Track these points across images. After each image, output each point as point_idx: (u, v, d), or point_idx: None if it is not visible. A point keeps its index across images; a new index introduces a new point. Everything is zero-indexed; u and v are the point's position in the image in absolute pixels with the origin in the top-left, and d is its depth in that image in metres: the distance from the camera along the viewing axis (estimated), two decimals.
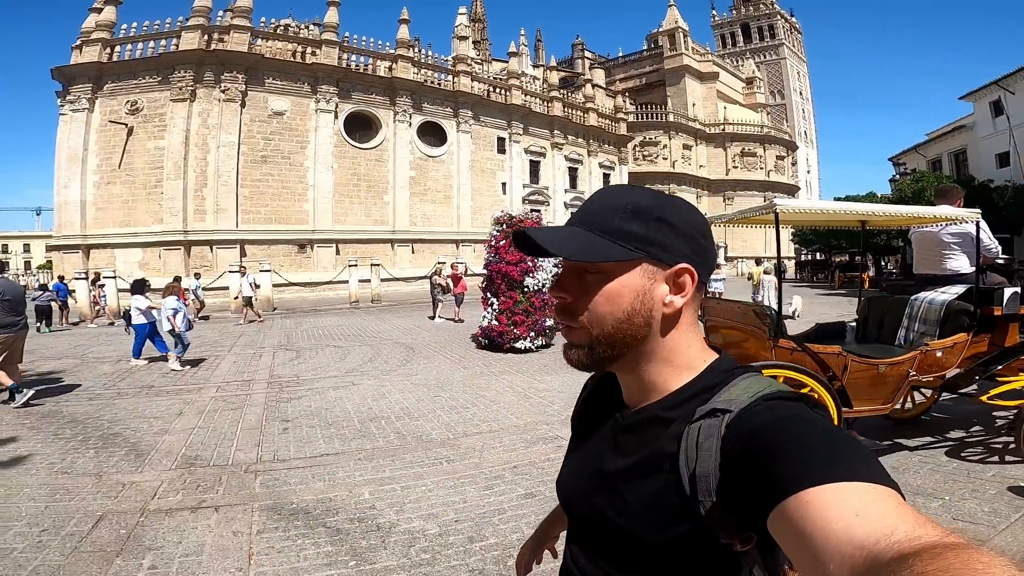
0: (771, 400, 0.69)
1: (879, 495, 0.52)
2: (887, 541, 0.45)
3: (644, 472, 0.75)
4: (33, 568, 2.91)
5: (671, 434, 0.74)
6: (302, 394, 7.31)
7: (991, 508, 3.59)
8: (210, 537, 3.32)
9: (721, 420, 0.70)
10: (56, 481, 4.28)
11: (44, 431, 5.72)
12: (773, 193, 48.54)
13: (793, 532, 0.53)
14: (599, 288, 0.75)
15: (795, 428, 0.63)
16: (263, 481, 4.28)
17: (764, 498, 0.58)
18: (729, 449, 0.67)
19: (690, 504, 0.69)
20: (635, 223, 0.75)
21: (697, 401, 0.74)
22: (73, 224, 23.70)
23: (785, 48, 77.11)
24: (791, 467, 0.57)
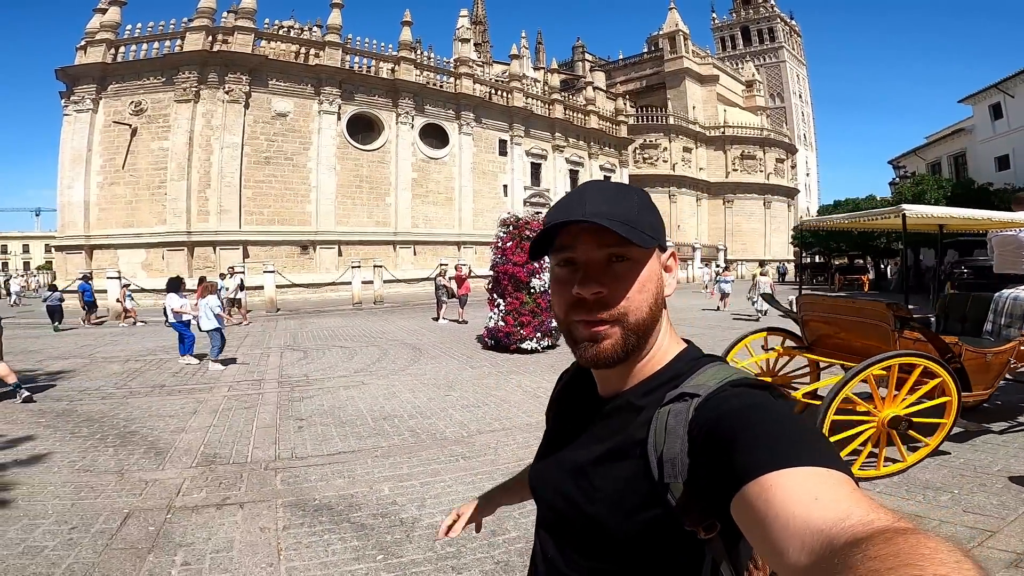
0: (738, 386, 0.71)
1: (835, 480, 0.54)
2: (842, 525, 0.47)
3: (615, 458, 0.77)
4: (67, 566, 2.96)
5: (641, 420, 0.76)
6: (313, 393, 7.38)
7: (999, 501, 3.69)
8: (238, 533, 3.39)
9: (689, 404, 0.72)
10: (79, 479, 4.35)
11: (61, 429, 5.78)
12: (772, 196, 48.72)
13: (755, 516, 0.55)
14: (633, 274, 0.76)
15: (759, 415, 0.65)
16: (284, 478, 4.35)
17: (727, 482, 0.59)
18: (696, 433, 0.68)
19: (658, 488, 0.70)
20: (646, 213, 0.79)
21: (667, 387, 0.76)
22: (76, 224, 23.73)
23: (785, 51, 77.33)
24: (753, 452, 0.59)
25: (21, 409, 6.67)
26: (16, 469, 4.56)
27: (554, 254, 0.80)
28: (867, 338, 4.84)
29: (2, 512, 3.67)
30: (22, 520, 3.53)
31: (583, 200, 0.77)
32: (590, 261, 0.77)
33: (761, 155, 48.46)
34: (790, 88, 77.50)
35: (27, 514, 3.64)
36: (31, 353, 11.45)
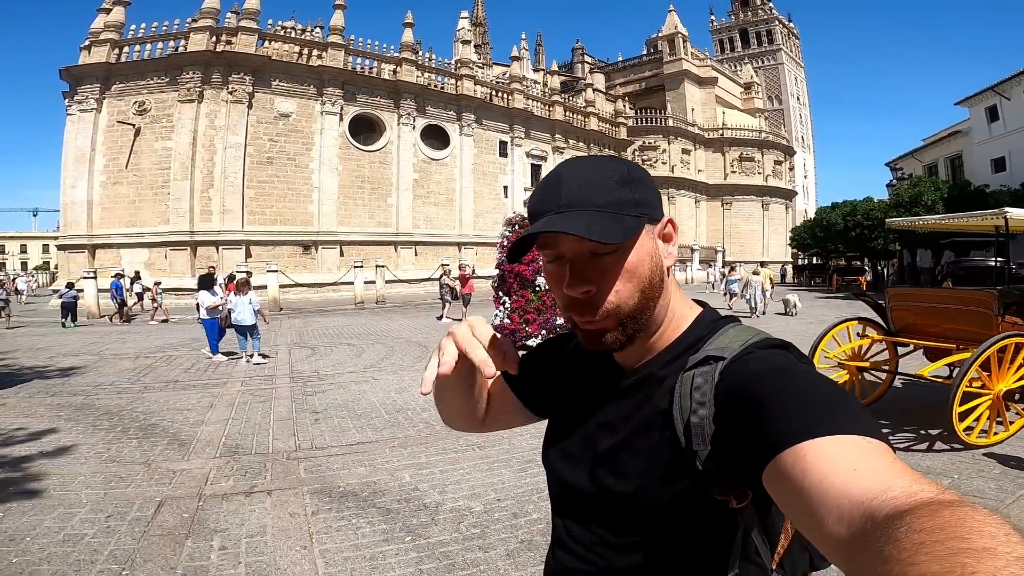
0: (763, 348, 0.70)
1: (874, 450, 0.52)
2: (884, 497, 0.46)
3: (642, 433, 0.75)
4: (109, 552, 3.08)
5: (665, 389, 0.75)
6: (325, 388, 7.52)
7: (997, 485, 3.90)
8: (269, 519, 3.52)
9: (714, 368, 0.70)
10: (108, 469, 4.48)
11: (82, 422, 5.90)
12: (771, 198, 48.96)
13: (790, 485, 0.53)
14: (620, 265, 0.73)
15: (789, 379, 0.63)
16: (307, 467, 4.49)
17: (759, 450, 0.58)
18: (723, 397, 0.67)
19: (686, 456, 0.69)
20: (627, 190, 0.75)
21: (689, 353, 0.75)
22: (79, 224, 23.81)
23: (783, 53, 77.68)
24: (787, 419, 0.57)
25: (40, 403, 6.80)
26: (44, 460, 4.69)
27: (541, 251, 0.77)
28: (966, 324, 5.36)
29: (37, 501, 3.79)
30: (58, 509, 3.66)
31: (559, 189, 0.74)
32: (575, 257, 0.74)
33: (759, 157, 48.70)
34: (788, 90, 77.86)
35: (62, 503, 3.77)
36: (40, 350, 11.57)
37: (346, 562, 2.98)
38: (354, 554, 3.07)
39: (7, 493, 3.93)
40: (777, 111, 74.44)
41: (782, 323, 15.56)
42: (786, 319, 16.56)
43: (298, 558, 3.01)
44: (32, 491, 3.97)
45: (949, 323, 5.55)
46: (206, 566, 2.92)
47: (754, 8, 79.20)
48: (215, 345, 10.01)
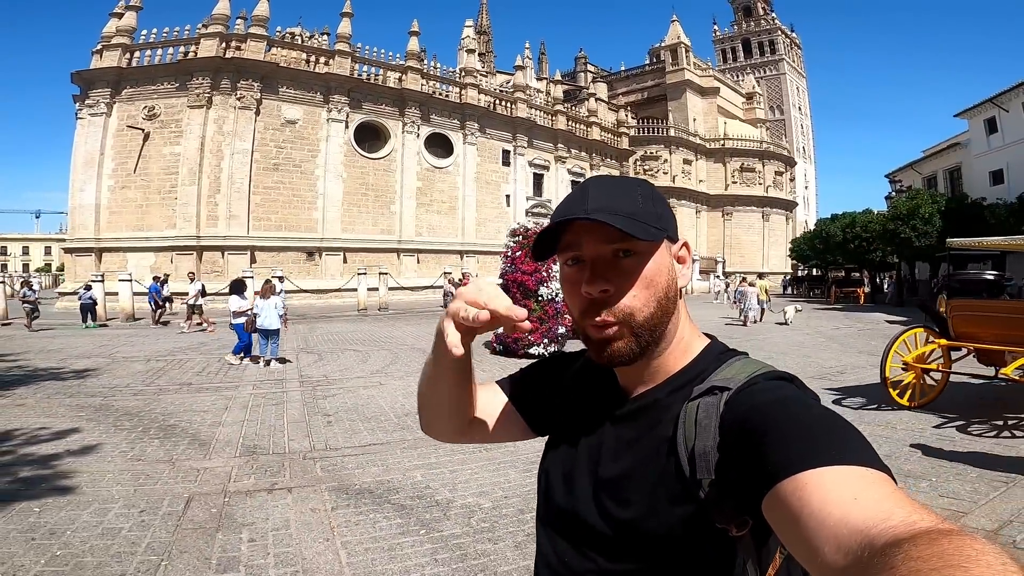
0: (769, 380, 0.71)
1: (875, 480, 0.52)
2: (883, 526, 0.46)
3: (645, 459, 0.75)
4: (147, 544, 3.31)
5: (669, 417, 0.75)
6: (335, 392, 7.77)
7: (972, 488, 4.17)
8: (292, 514, 3.77)
9: (719, 398, 0.71)
10: (134, 467, 4.72)
11: (103, 423, 6.14)
12: (771, 209, 49.25)
13: (789, 514, 0.54)
14: (639, 271, 0.75)
15: (793, 409, 0.64)
16: (323, 466, 4.74)
17: (761, 478, 0.58)
18: (728, 427, 0.67)
19: (689, 485, 0.69)
20: (651, 204, 0.77)
21: (695, 383, 0.76)
22: (87, 227, 24.11)
23: (785, 63, 78.00)
24: (788, 448, 0.58)
25: (59, 404, 7.04)
26: (71, 458, 4.92)
27: (561, 253, 0.79)
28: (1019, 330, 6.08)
29: (72, 497, 4.02)
30: (92, 504, 3.89)
31: (585, 197, 0.77)
32: (596, 257, 0.75)
33: (760, 168, 49.01)
34: (790, 101, 78.24)
35: (95, 499, 4.00)
36: (52, 352, 11.82)
37: (366, 552, 3.22)
38: (373, 545, 3.31)
39: (40, 489, 4.16)
40: (778, 121, 74.80)
41: (779, 334, 15.81)
42: (783, 329, 16.82)
43: (322, 549, 3.25)
44: (64, 487, 4.20)
45: (1005, 329, 6.28)
46: (238, 557, 3.16)
47: (757, 18, 79.69)
48: (239, 348, 10.24)
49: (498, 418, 0.99)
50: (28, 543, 3.24)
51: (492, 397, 1.00)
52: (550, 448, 0.92)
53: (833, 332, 16.14)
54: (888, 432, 5.85)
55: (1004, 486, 4.29)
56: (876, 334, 15.57)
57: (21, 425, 5.97)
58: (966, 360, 7.29)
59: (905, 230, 24.76)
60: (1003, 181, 26.92)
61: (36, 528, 3.45)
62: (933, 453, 5.04)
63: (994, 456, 4.92)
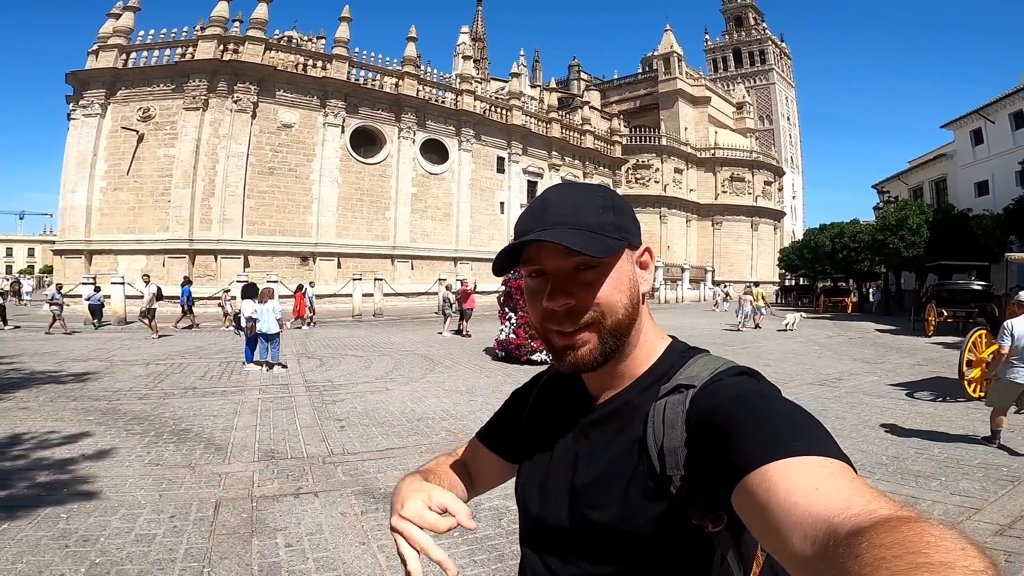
0: (732, 376, 0.73)
1: (836, 470, 0.54)
2: (845, 515, 0.48)
3: (618, 461, 0.76)
4: (185, 551, 3.29)
5: (639, 418, 0.76)
6: (343, 397, 7.76)
7: (981, 486, 4.40)
8: (323, 518, 3.78)
9: (685, 395, 0.73)
10: (154, 472, 4.69)
11: (113, 426, 6.09)
12: (760, 218, 49.87)
13: (756, 506, 0.55)
14: (601, 279, 0.76)
15: (756, 403, 0.66)
16: (344, 471, 4.75)
17: (728, 472, 0.60)
18: (693, 423, 0.69)
19: (661, 482, 0.70)
20: (609, 213, 0.78)
21: (661, 383, 0.78)
22: (78, 229, 23.81)
23: (775, 73, 78.96)
24: (753, 442, 0.59)
25: (63, 407, 6.97)
26: (88, 463, 4.88)
27: (524, 266, 0.80)
28: None
29: (97, 503, 3.99)
30: (120, 510, 3.87)
31: (545, 207, 0.78)
32: (557, 271, 0.76)
33: (750, 177, 49.63)
34: (779, 110, 79.26)
35: (122, 504, 3.97)
36: (47, 355, 11.68)
37: None
38: None
39: (63, 495, 4.13)
40: (767, 131, 75.72)
41: (774, 342, 16.02)
42: (778, 338, 17.05)
43: (360, 553, 3.28)
44: (87, 493, 4.18)
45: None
46: (278, 563, 3.17)
47: (748, 28, 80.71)
48: (249, 355, 10.19)
49: (489, 471, 1.04)
50: (63, 551, 3.22)
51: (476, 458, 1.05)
52: (524, 466, 0.93)
53: (826, 340, 16.38)
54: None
55: (1011, 484, 4.47)
56: (867, 343, 15.85)
57: (29, 429, 5.91)
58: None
59: (894, 240, 25.17)
60: (988, 192, 27.16)
61: (68, 535, 3.43)
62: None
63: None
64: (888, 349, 14.38)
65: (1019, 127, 25.49)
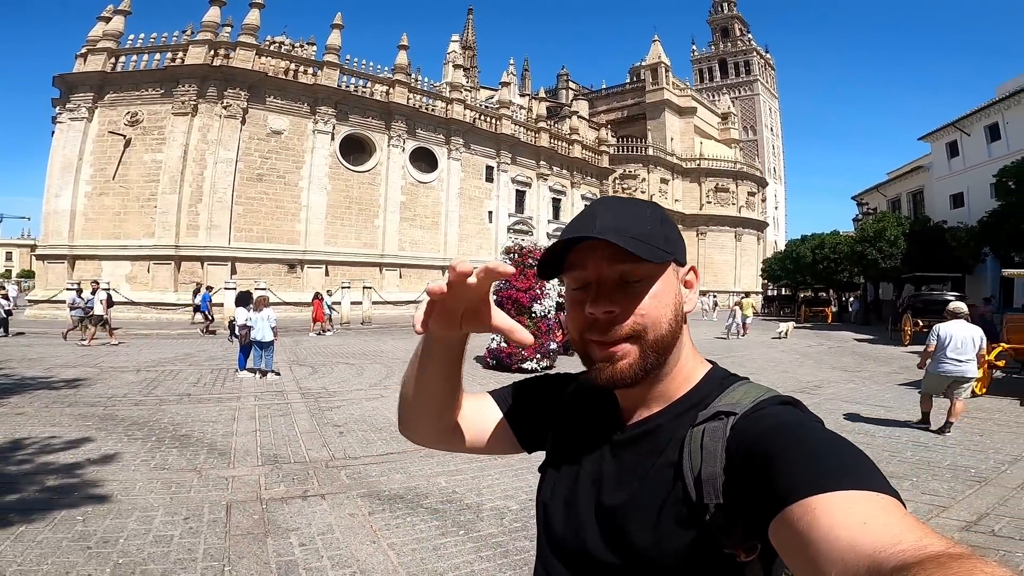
0: (775, 405, 0.72)
1: (884, 505, 0.52)
2: (892, 550, 0.46)
3: (650, 485, 0.74)
4: (204, 551, 3.42)
5: (674, 442, 0.75)
6: (338, 404, 7.90)
7: (950, 486, 4.74)
8: (332, 519, 3.94)
9: (726, 423, 0.71)
10: (161, 476, 4.80)
11: (114, 432, 6.17)
12: (744, 229, 50.70)
13: (796, 539, 0.53)
14: (646, 292, 0.75)
15: (800, 433, 0.64)
16: (348, 474, 4.91)
17: (769, 502, 0.58)
18: (734, 452, 0.67)
19: (696, 509, 0.69)
20: (659, 226, 0.78)
21: (698, 408, 0.76)
22: (61, 234, 23.55)
23: (759, 84, 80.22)
24: (796, 473, 0.58)
25: (60, 413, 7.01)
26: (94, 467, 4.98)
27: (566, 274, 0.79)
28: None
29: (111, 506, 4.10)
30: (134, 512, 3.98)
31: (594, 216, 0.77)
32: (602, 279, 0.75)
33: (734, 188, 50.45)
34: (763, 121, 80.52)
35: (135, 507, 4.08)
36: (34, 361, 11.61)
37: (413, 552, 3.43)
38: (418, 546, 3.52)
39: (75, 498, 4.23)
40: (751, 142, 76.90)
41: (758, 351, 16.40)
42: (761, 347, 17.46)
43: (371, 551, 3.45)
44: (99, 496, 4.28)
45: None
46: (294, 560, 3.33)
47: (734, 39, 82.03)
48: (243, 362, 10.26)
49: (487, 430, 0.98)
50: (85, 552, 3.34)
51: (482, 407, 1.00)
52: (547, 476, 0.91)
53: (806, 349, 16.81)
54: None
55: (978, 484, 4.78)
56: (845, 351, 16.31)
57: (29, 434, 5.96)
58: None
59: (872, 252, 25.80)
60: (963, 204, 27.57)
61: (87, 536, 3.55)
62: None
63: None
64: (866, 358, 14.82)
65: (994, 140, 25.87)
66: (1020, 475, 5.06)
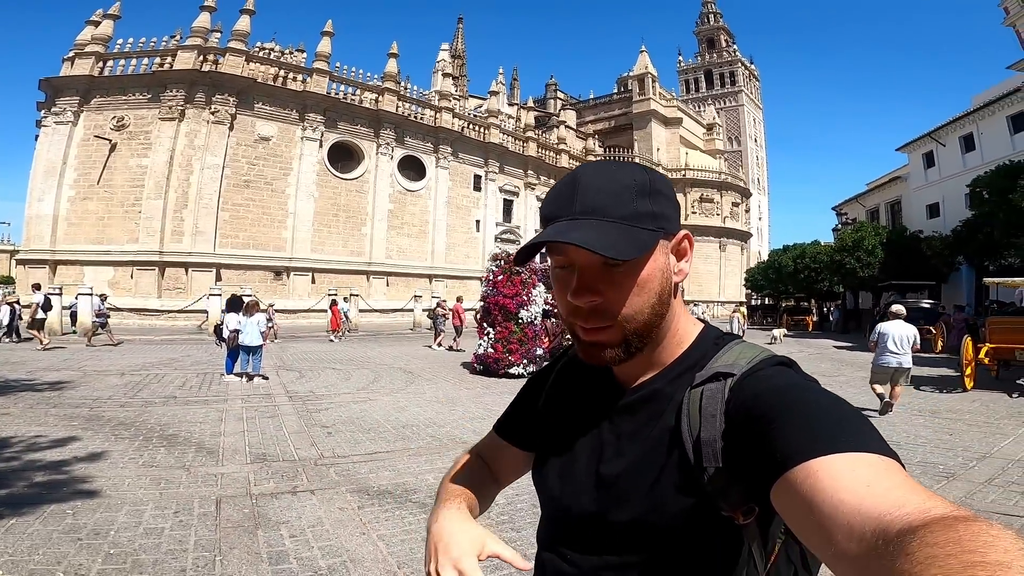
0: (772, 366, 0.71)
1: (887, 467, 0.53)
2: (897, 512, 0.46)
3: (649, 450, 0.74)
4: (195, 542, 3.47)
5: (671, 406, 0.74)
6: (326, 406, 7.94)
7: (919, 482, 4.73)
8: (322, 513, 4.01)
9: (724, 384, 0.70)
10: (150, 472, 4.83)
11: (100, 432, 6.16)
12: (728, 239, 51.28)
13: (800, 501, 0.53)
14: (631, 278, 0.73)
15: (800, 395, 0.64)
16: (336, 471, 4.97)
17: (770, 466, 0.58)
18: (734, 414, 0.67)
19: (695, 473, 0.68)
20: (646, 201, 0.74)
21: (695, 370, 0.75)
22: (43, 238, 23.31)
23: (744, 95, 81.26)
24: (798, 436, 0.57)
25: (45, 413, 6.99)
26: (82, 464, 4.99)
27: (550, 254, 0.77)
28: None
29: (100, 500, 4.12)
30: (124, 506, 4.02)
31: (575, 191, 0.74)
32: (585, 266, 0.73)
33: (718, 198, 51.05)
34: (747, 132, 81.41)
35: (124, 501, 4.12)
36: (16, 364, 11.49)
37: (403, 543, 3.52)
38: (407, 537, 3.61)
39: (64, 493, 4.26)
40: (736, 152, 77.73)
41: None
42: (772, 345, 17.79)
43: (361, 541, 3.53)
44: (88, 491, 4.31)
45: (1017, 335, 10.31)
46: (284, 551, 3.40)
47: (719, 50, 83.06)
48: (230, 366, 10.24)
49: (506, 467, 1.02)
50: (76, 543, 3.38)
51: (500, 448, 1.02)
52: (543, 450, 0.90)
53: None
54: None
55: (945, 480, 4.96)
56: (824, 358, 16.62)
57: (15, 433, 5.95)
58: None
59: (850, 261, 26.28)
60: (939, 214, 28.00)
61: (77, 529, 3.59)
62: None
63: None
64: (844, 364, 15.13)
65: (969, 150, 26.35)
66: (988, 471, 5.24)
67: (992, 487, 4.79)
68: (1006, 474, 5.14)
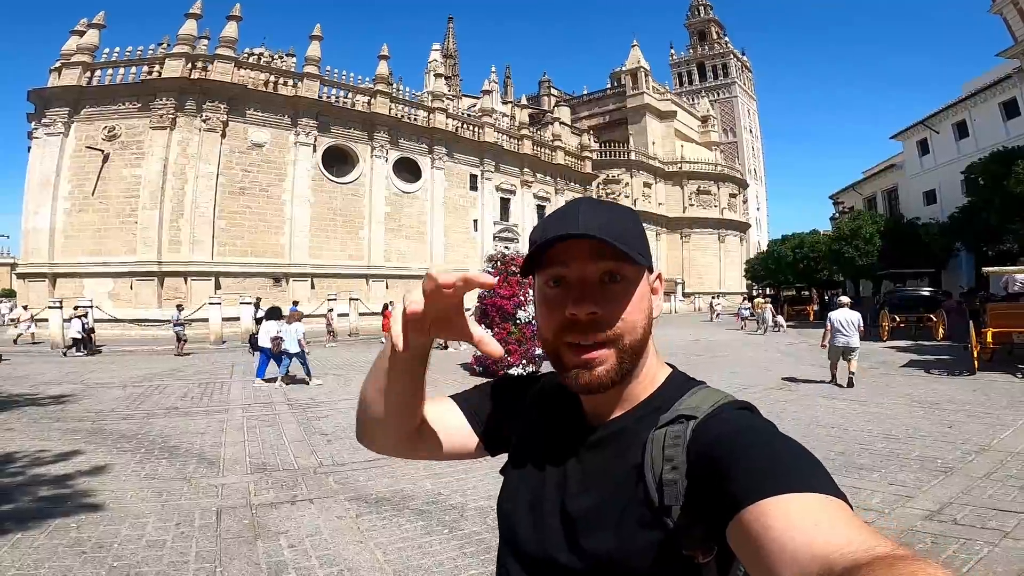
0: (733, 410, 0.74)
1: (835, 507, 0.55)
2: (843, 551, 0.48)
3: (615, 487, 0.75)
4: (196, 553, 3.55)
5: (637, 445, 0.76)
6: (326, 413, 8.02)
7: (916, 477, 4.91)
8: (320, 522, 4.09)
9: (686, 426, 0.72)
10: (152, 485, 4.91)
11: (103, 444, 6.25)
12: (726, 230, 51.34)
13: (752, 539, 0.55)
14: (627, 296, 0.75)
15: (757, 437, 0.66)
16: (335, 479, 5.05)
17: (726, 505, 0.60)
18: (695, 455, 0.69)
19: (658, 511, 0.70)
20: (639, 230, 0.80)
21: (661, 412, 0.77)
22: (41, 252, 23.29)
23: (737, 87, 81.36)
24: (753, 476, 0.60)
25: (48, 428, 7.07)
26: (85, 478, 5.07)
27: (542, 272, 0.78)
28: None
29: (104, 513, 4.21)
30: (127, 519, 4.10)
31: (576, 214, 0.76)
32: (583, 279, 0.75)
33: (716, 190, 51.12)
34: (741, 123, 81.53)
35: (127, 514, 4.20)
36: (19, 378, 11.59)
37: (400, 551, 3.59)
38: (404, 544, 3.68)
39: (68, 507, 4.34)
40: (731, 143, 77.73)
41: (743, 352, 16.71)
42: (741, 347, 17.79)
43: (359, 550, 3.60)
44: (92, 505, 4.39)
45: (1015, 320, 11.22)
46: (284, 561, 3.47)
47: (711, 42, 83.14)
48: (262, 372, 10.77)
49: (450, 434, 0.97)
50: (80, 556, 3.46)
51: (444, 412, 0.98)
52: (509, 479, 0.91)
53: (787, 348, 17.20)
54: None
55: (943, 475, 5.00)
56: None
57: (19, 448, 6.04)
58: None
59: (848, 250, 26.29)
60: (935, 201, 28.16)
61: (81, 543, 3.67)
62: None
63: None
64: None
65: (962, 137, 26.53)
66: (986, 465, 5.22)
67: (990, 481, 4.77)
68: (1005, 468, 5.11)
